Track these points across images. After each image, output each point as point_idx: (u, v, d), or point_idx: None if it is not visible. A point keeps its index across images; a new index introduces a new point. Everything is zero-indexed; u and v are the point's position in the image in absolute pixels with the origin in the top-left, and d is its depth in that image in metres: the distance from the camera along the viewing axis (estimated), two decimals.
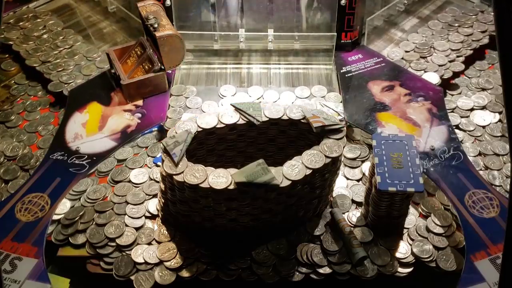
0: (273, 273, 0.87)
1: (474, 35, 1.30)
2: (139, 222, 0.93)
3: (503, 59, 0.57)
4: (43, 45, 1.30)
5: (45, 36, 1.33)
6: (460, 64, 1.23)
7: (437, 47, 1.27)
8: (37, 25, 1.36)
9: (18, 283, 0.82)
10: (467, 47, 1.27)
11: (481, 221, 0.89)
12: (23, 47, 1.30)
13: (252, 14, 1.24)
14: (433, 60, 1.24)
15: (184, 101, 1.15)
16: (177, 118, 1.11)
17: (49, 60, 1.26)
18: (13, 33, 1.34)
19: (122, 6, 1.34)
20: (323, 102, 1.14)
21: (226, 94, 1.17)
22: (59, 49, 1.29)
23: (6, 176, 1.01)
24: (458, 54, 1.25)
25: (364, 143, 1.07)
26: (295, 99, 1.16)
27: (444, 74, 1.20)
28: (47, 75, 1.22)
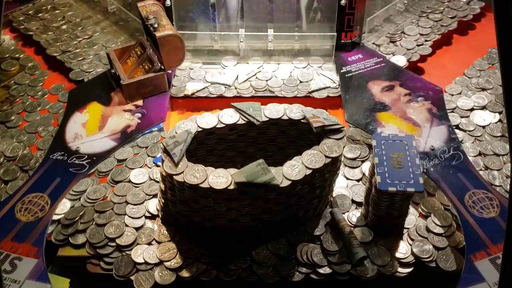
0: (273, 273, 0.87)
1: (443, 20, 1.36)
2: (139, 222, 0.93)
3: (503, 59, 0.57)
4: (63, 35, 1.34)
5: (64, 27, 1.37)
6: (428, 48, 1.28)
7: (407, 32, 1.33)
8: (56, 16, 1.40)
9: (18, 283, 0.82)
10: (436, 31, 1.32)
11: (481, 221, 0.89)
12: (43, 37, 1.33)
13: (252, 14, 1.24)
14: (402, 44, 1.29)
15: (189, 72, 1.21)
16: (182, 86, 1.18)
17: (69, 49, 1.29)
18: (33, 23, 1.38)
19: (122, 6, 1.34)
20: (319, 71, 1.20)
21: (228, 65, 1.24)
22: (79, 39, 1.33)
23: (6, 176, 1.01)
24: (426, 39, 1.31)
25: (364, 143, 1.07)
26: (293, 69, 1.23)
27: (412, 57, 1.26)
28: (67, 64, 1.26)
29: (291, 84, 1.19)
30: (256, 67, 1.23)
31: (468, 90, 1.19)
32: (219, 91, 1.18)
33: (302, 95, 1.17)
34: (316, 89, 1.17)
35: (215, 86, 1.19)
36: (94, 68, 1.24)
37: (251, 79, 1.20)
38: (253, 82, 1.20)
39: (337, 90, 1.17)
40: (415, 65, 1.26)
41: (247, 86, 1.19)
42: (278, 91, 1.18)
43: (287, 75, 1.22)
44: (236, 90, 1.18)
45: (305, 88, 1.18)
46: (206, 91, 1.18)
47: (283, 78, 1.21)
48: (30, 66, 1.27)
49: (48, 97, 1.20)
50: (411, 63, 1.25)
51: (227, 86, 1.18)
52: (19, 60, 1.29)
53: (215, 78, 1.20)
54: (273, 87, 1.19)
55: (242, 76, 1.21)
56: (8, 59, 1.29)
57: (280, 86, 1.19)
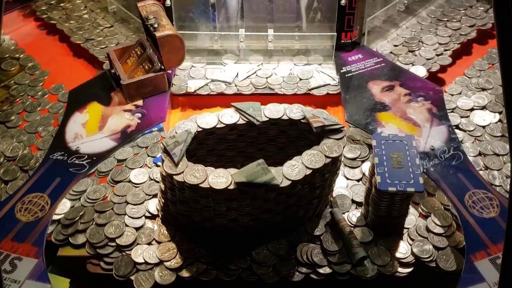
0: (273, 273, 0.87)
1: (462, 29, 1.33)
2: (139, 222, 0.93)
3: (503, 59, 0.57)
4: (85, 23, 1.37)
5: (86, 16, 1.40)
6: (447, 57, 1.25)
7: (425, 41, 1.29)
8: (78, 5, 1.43)
9: (18, 283, 0.82)
10: (455, 41, 1.29)
11: (481, 221, 0.89)
12: (66, 26, 1.36)
13: (252, 14, 1.24)
14: (421, 54, 1.26)
15: (189, 71, 1.22)
16: (183, 84, 1.19)
17: (92, 38, 1.32)
18: (55, 13, 1.41)
19: (122, 6, 1.34)
20: (319, 69, 1.20)
21: (228, 63, 1.24)
22: (101, 28, 1.35)
23: (6, 176, 1.01)
24: (445, 48, 1.27)
25: (364, 143, 1.07)
26: (293, 66, 1.23)
27: (432, 67, 1.22)
28: (91, 51, 1.28)
29: (291, 81, 1.19)
30: (256, 65, 1.23)
31: (468, 90, 1.18)
32: (219, 88, 1.18)
33: (302, 93, 1.17)
34: (315, 86, 1.17)
35: (216, 84, 1.19)
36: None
37: (251, 76, 1.21)
38: (253, 79, 1.20)
39: (336, 88, 1.17)
40: (435, 75, 1.22)
41: (247, 83, 1.19)
42: (278, 89, 1.18)
43: (287, 73, 1.22)
44: (236, 87, 1.18)
45: (305, 86, 1.18)
46: (207, 89, 1.18)
47: (283, 75, 1.21)
48: (30, 66, 1.27)
49: (48, 97, 1.20)
50: (430, 73, 1.21)
51: (228, 84, 1.19)
52: (19, 60, 1.29)
53: (216, 76, 1.20)
54: (273, 84, 1.19)
55: (242, 73, 1.21)
56: (8, 59, 1.29)
57: (280, 84, 1.19)
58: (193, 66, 1.24)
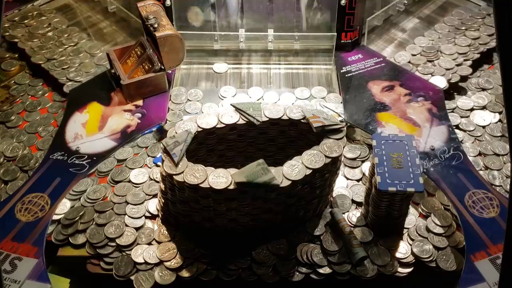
0: (273, 273, 0.87)
1: (481, 38, 1.29)
2: (139, 222, 0.93)
3: (503, 59, 0.57)
4: (48, 42, 1.31)
5: (50, 34, 1.34)
6: (467, 68, 1.21)
7: (444, 50, 1.26)
8: (42, 22, 1.37)
9: (18, 283, 0.82)
10: (474, 50, 1.26)
11: (481, 221, 0.89)
12: (28, 45, 1.30)
13: (252, 14, 1.24)
14: (440, 64, 1.22)
15: (184, 105, 1.14)
16: (178, 120, 1.10)
17: (54, 57, 1.27)
18: (18, 30, 1.34)
19: (122, 6, 1.34)
20: (323, 103, 1.14)
21: (226, 95, 1.17)
22: (64, 47, 1.30)
23: (6, 176, 1.01)
24: (465, 58, 1.24)
25: (364, 143, 1.07)
26: (295, 100, 1.16)
27: (452, 78, 1.19)
28: (52, 72, 1.22)
29: None
30: (256, 98, 1.16)
31: (468, 90, 1.18)
32: None
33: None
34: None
35: None
36: (80, 76, 1.21)
37: None
38: None
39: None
40: (456, 86, 1.19)
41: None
42: None
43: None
44: None
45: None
46: None
47: None
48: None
49: (48, 96, 1.20)
50: (451, 84, 1.18)
51: None
52: (19, 60, 1.29)
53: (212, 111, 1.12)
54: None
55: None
56: (8, 59, 1.29)
57: None
58: (189, 100, 1.16)
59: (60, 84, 1.20)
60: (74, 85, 1.19)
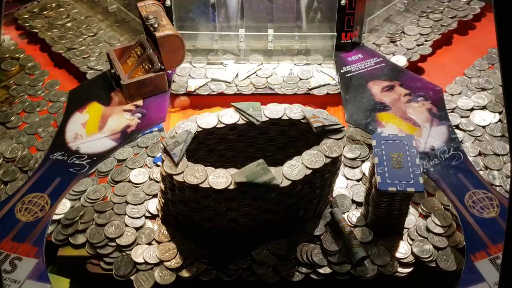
0: (273, 273, 0.87)
1: (443, 20, 1.36)
2: (139, 222, 0.93)
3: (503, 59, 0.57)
4: (68, 32, 1.35)
5: (69, 24, 1.38)
6: (428, 48, 1.28)
7: (407, 31, 1.33)
8: (61, 13, 1.41)
9: (18, 283, 0.82)
10: (437, 31, 1.33)
11: (481, 221, 0.89)
12: (48, 35, 1.34)
13: (252, 14, 1.24)
14: (402, 44, 1.29)
15: (189, 71, 1.22)
16: (183, 83, 1.19)
17: (74, 47, 1.30)
18: (38, 21, 1.39)
19: (122, 6, 1.34)
20: (319, 69, 1.21)
21: (228, 63, 1.24)
22: (84, 37, 1.34)
23: (6, 177, 1.01)
24: (426, 39, 1.31)
25: (364, 143, 1.07)
26: (293, 66, 1.23)
27: (412, 57, 1.26)
28: (73, 61, 1.26)
29: (291, 81, 1.19)
30: (256, 65, 1.24)
31: (468, 90, 1.18)
32: (219, 88, 1.18)
33: (302, 92, 1.17)
34: (315, 86, 1.17)
35: (216, 83, 1.19)
36: (101, 64, 1.24)
37: (251, 76, 1.21)
38: (253, 79, 1.20)
39: (336, 87, 1.18)
40: (415, 65, 1.26)
41: (247, 83, 1.19)
42: (278, 89, 1.18)
43: (287, 73, 1.22)
44: (237, 87, 1.18)
45: (305, 86, 1.18)
46: (207, 89, 1.18)
47: (283, 75, 1.21)
48: (30, 66, 1.27)
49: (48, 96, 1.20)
50: (411, 63, 1.25)
51: (228, 83, 1.19)
52: (19, 60, 1.29)
53: (216, 75, 1.21)
54: (273, 84, 1.19)
55: (242, 73, 1.21)
56: (8, 59, 1.29)
57: (280, 84, 1.19)
58: (193, 66, 1.24)
59: (82, 73, 1.23)
60: (96, 73, 1.22)
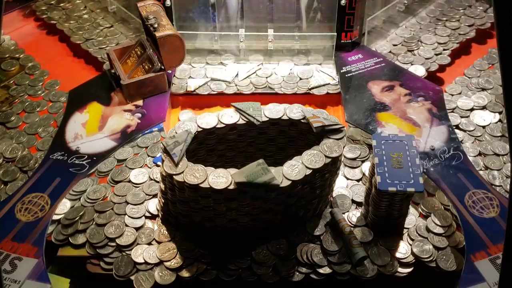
0: (273, 273, 0.87)
1: (461, 28, 1.33)
2: (139, 222, 0.93)
3: (503, 59, 0.57)
4: (85, 24, 1.37)
5: (86, 16, 1.39)
6: (446, 57, 1.25)
7: (424, 40, 1.29)
8: (78, 5, 1.43)
9: (18, 283, 0.82)
10: (454, 40, 1.29)
11: (481, 221, 0.89)
12: (66, 26, 1.36)
13: (252, 14, 1.24)
14: (420, 53, 1.26)
15: (189, 72, 1.22)
16: (183, 83, 1.19)
17: (92, 37, 1.32)
18: (55, 13, 1.41)
19: (122, 6, 1.34)
20: (319, 68, 1.20)
21: (228, 63, 1.24)
22: (101, 28, 1.35)
23: (6, 177, 1.01)
24: (444, 48, 1.28)
25: (364, 143, 1.07)
26: (293, 66, 1.23)
27: (431, 67, 1.22)
28: (92, 51, 1.28)
29: (291, 81, 1.19)
30: (256, 65, 1.23)
31: (468, 90, 1.18)
32: (219, 87, 1.18)
33: (302, 92, 1.17)
34: (315, 86, 1.17)
35: (216, 83, 1.19)
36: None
37: (251, 76, 1.21)
38: (253, 79, 1.20)
39: (336, 87, 1.17)
40: (434, 75, 1.22)
41: (247, 83, 1.19)
42: (278, 88, 1.18)
43: (287, 72, 1.22)
44: (236, 87, 1.18)
45: (305, 85, 1.18)
46: (207, 88, 1.18)
47: (283, 75, 1.21)
48: (30, 66, 1.27)
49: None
50: (429, 72, 1.21)
51: (227, 83, 1.19)
52: (19, 60, 1.29)
53: (216, 75, 1.21)
54: (273, 84, 1.19)
55: (242, 73, 1.21)
56: (8, 59, 1.29)
57: (280, 83, 1.19)
58: (193, 67, 1.24)
59: (101, 63, 1.25)
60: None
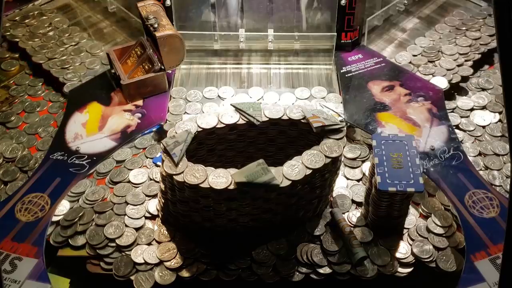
0: (273, 273, 0.87)
1: (482, 38, 1.28)
2: (139, 223, 0.93)
3: (503, 59, 0.57)
4: (49, 42, 1.31)
5: (51, 33, 1.34)
6: (468, 68, 1.21)
7: (445, 51, 1.26)
8: (43, 22, 1.37)
9: (18, 283, 0.82)
10: (475, 51, 1.25)
11: (481, 221, 0.89)
12: (29, 44, 1.30)
13: (252, 14, 1.24)
14: (441, 64, 1.22)
15: (184, 107, 1.13)
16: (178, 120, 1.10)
17: (55, 56, 1.26)
18: (19, 30, 1.34)
19: (122, 6, 1.34)
20: (323, 103, 1.14)
21: (226, 96, 1.16)
22: (65, 46, 1.30)
23: (6, 177, 1.01)
24: (466, 58, 1.23)
25: (364, 143, 1.07)
26: (295, 100, 1.16)
27: (453, 78, 1.19)
28: (53, 72, 1.22)
29: None
30: (256, 98, 1.16)
31: (468, 90, 1.18)
32: None
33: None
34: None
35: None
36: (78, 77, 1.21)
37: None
38: None
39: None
40: (457, 86, 1.19)
41: None
42: None
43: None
44: None
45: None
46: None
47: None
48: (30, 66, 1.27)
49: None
50: (452, 84, 1.18)
51: None
52: (19, 60, 1.29)
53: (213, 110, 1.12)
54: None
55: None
56: (8, 59, 1.29)
57: None
58: (188, 101, 1.15)
59: (61, 84, 1.20)
60: (74, 85, 1.18)
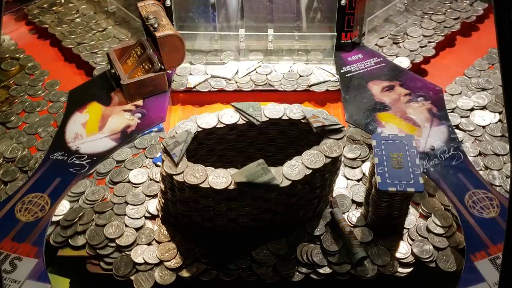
0: (273, 273, 0.87)
1: (446, 21, 1.35)
2: (139, 223, 0.93)
3: (503, 59, 0.57)
4: (77, 28, 1.35)
5: (78, 20, 1.38)
6: (431, 49, 1.27)
7: (410, 33, 1.31)
8: (70, 9, 1.42)
9: (18, 283, 0.82)
10: (440, 33, 1.31)
11: (481, 221, 0.89)
12: (58, 30, 1.34)
13: (252, 14, 1.24)
14: (405, 46, 1.28)
15: (190, 69, 1.22)
16: (183, 80, 1.19)
17: (84, 41, 1.31)
18: (48, 17, 1.39)
19: (122, 6, 1.34)
20: (319, 66, 1.22)
21: (228, 60, 1.24)
22: (93, 32, 1.34)
23: (6, 177, 1.01)
24: (429, 40, 1.30)
25: (364, 143, 1.07)
26: (293, 63, 1.23)
27: (415, 58, 1.25)
28: (83, 56, 1.26)
29: (291, 78, 1.20)
30: (256, 62, 1.24)
31: (468, 90, 1.18)
32: (220, 85, 1.18)
33: (302, 89, 1.18)
34: (315, 82, 1.18)
35: (216, 80, 1.19)
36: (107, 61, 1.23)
37: (251, 73, 1.21)
38: (253, 76, 1.20)
39: (336, 84, 1.18)
40: (418, 67, 1.25)
41: (247, 80, 1.19)
42: (278, 85, 1.18)
43: (287, 70, 1.22)
44: (237, 84, 1.18)
45: (305, 82, 1.18)
46: (207, 85, 1.18)
47: (282, 72, 1.21)
48: (30, 66, 1.27)
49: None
50: (414, 64, 1.24)
51: (228, 80, 1.19)
52: (19, 60, 1.29)
53: (216, 72, 1.21)
54: (273, 81, 1.19)
55: (242, 70, 1.21)
56: (8, 59, 1.29)
57: (280, 80, 1.19)
58: (193, 64, 1.24)
59: (91, 67, 1.24)
60: (103, 68, 1.22)
